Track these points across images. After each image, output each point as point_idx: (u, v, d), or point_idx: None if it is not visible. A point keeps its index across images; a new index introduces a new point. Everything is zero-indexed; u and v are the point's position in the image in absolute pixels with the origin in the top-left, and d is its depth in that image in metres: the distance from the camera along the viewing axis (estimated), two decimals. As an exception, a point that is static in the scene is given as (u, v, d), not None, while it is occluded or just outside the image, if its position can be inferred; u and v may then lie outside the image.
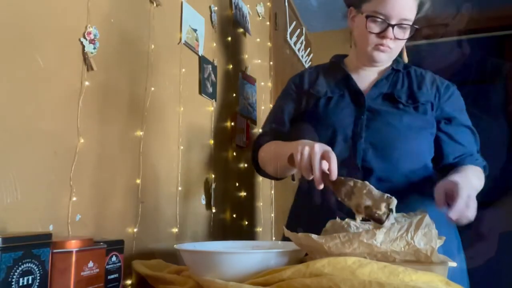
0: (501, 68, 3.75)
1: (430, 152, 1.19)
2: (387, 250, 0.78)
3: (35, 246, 0.65)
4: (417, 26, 1.13)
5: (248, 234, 1.76)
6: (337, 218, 0.90)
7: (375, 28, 1.11)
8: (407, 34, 1.13)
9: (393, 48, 1.14)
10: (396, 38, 1.11)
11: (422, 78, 1.21)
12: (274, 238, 2.07)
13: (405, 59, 1.28)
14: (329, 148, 0.92)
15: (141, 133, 1.11)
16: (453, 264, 0.80)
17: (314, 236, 0.82)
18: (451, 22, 3.16)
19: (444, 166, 1.17)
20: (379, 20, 1.10)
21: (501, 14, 3.04)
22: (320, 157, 0.90)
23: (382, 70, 1.23)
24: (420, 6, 1.13)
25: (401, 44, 1.16)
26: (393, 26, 1.09)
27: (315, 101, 1.20)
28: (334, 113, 1.16)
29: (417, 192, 1.11)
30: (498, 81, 3.89)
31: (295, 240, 0.86)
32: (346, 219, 0.88)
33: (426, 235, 0.77)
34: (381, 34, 1.11)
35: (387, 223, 0.80)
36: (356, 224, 0.86)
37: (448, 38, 3.32)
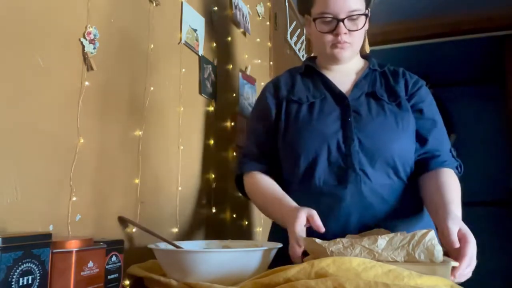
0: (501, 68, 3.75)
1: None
2: (387, 258, 0.79)
3: (35, 246, 0.65)
4: (366, 13, 1.12)
5: (248, 234, 1.75)
6: None
7: (326, 28, 1.12)
8: (360, 24, 1.12)
9: (351, 42, 1.13)
10: (350, 31, 1.11)
11: (396, 74, 1.21)
12: (274, 238, 2.07)
13: (367, 49, 1.26)
14: (313, 217, 0.94)
15: (140, 133, 1.11)
16: (455, 264, 0.80)
17: (318, 240, 0.83)
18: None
19: None
20: (327, 19, 1.11)
21: (501, 14, 3.04)
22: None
23: (358, 70, 1.22)
24: None
25: (359, 36, 1.15)
26: (342, 20, 1.09)
27: (297, 108, 1.16)
28: (320, 118, 1.11)
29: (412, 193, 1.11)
30: (498, 81, 3.89)
31: (303, 243, 0.88)
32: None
33: (428, 249, 0.78)
34: (334, 32, 1.11)
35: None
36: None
37: (448, 38, 3.32)
